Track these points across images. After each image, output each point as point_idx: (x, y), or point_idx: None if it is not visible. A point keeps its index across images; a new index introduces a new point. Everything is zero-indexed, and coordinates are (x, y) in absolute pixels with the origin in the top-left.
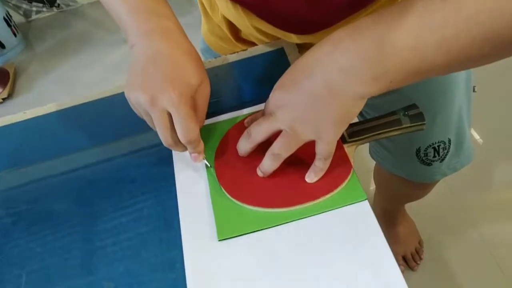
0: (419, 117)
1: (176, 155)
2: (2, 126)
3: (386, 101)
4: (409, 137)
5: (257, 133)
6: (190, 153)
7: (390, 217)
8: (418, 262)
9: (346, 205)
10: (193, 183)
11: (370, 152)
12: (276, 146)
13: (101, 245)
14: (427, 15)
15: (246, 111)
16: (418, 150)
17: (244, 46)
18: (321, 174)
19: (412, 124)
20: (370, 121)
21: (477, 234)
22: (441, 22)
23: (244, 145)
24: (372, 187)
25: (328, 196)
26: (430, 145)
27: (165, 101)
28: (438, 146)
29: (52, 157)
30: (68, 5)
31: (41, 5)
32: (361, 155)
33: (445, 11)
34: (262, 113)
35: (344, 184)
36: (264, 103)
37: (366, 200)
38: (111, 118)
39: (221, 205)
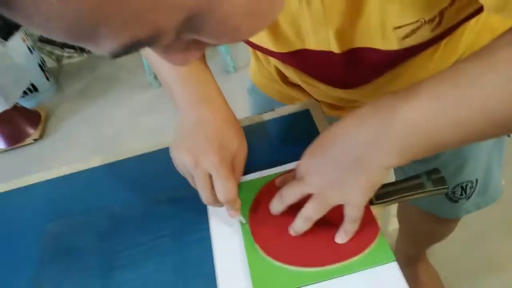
0: (441, 181)
1: (211, 210)
2: (46, 180)
3: None
4: None
5: (289, 196)
6: (228, 210)
7: (413, 266)
8: None
9: (376, 266)
10: (228, 239)
11: None
12: (306, 210)
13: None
14: (441, 97)
15: (276, 170)
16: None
17: (291, 89)
18: (350, 235)
19: (435, 188)
20: (395, 184)
21: (500, 282)
22: (454, 106)
23: (277, 206)
24: (391, 227)
25: (357, 257)
26: (458, 184)
27: (208, 164)
28: (466, 185)
29: (93, 210)
30: None
31: (72, 50)
32: None
33: (456, 97)
34: (293, 175)
35: (372, 246)
36: (291, 163)
37: (395, 262)
38: (151, 172)
39: (256, 261)
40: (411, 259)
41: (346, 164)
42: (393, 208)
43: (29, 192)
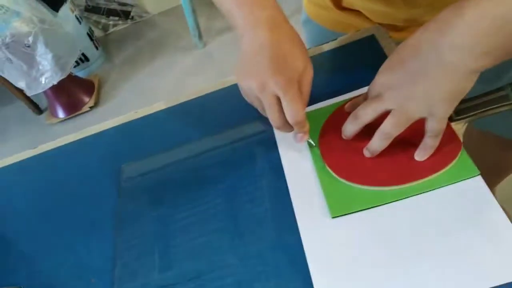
0: None
1: (280, 141)
2: (116, 126)
3: None
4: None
5: (365, 115)
6: (296, 134)
7: None
8: None
9: (459, 181)
10: (299, 164)
11: None
12: (386, 126)
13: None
14: None
15: (344, 97)
16: None
17: (346, 15)
18: (431, 151)
19: None
20: (477, 98)
21: None
22: None
23: (351, 128)
24: None
25: (439, 173)
26: None
27: (274, 86)
28: None
29: (163, 151)
30: (141, 16)
31: (117, 18)
32: None
33: None
34: (364, 97)
35: (455, 161)
36: (360, 89)
37: (479, 176)
38: (214, 112)
39: (329, 184)
40: None
41: (431, 72)
42: None
43: (99, 138)
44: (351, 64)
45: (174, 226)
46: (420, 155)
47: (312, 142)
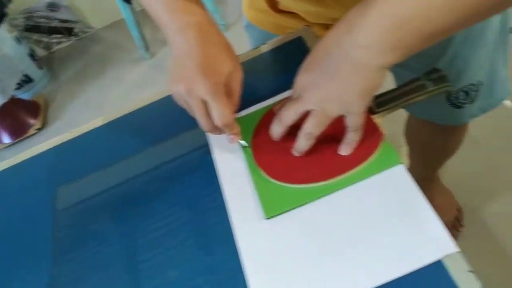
0: (443, 79)
1: (214, 145)
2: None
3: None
4: None
5: (287, 116)
6: (228, 135)
7: (426, 188)
8: (460, 230)
9: (383, 171)
10: (233, 167)
11: None
12: (307, 126)
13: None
14: None
15: (274, 99)
16: (449, 94)
17: (283, 17)
18: (354, 145)
19: (436, 87)
20: (395, 90)
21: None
22: None
23: (276, 129)
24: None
25: (363, 164)
26: (460, 89)
27: (201, 90)
28: (469, 88)
29: (99, 169)
30: (85, 32)
31: (59, 35)
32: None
33: None
34: (290, 98)
35: (377, 152)
36: (289, 90)
37: (403, 165)
38: (150, 124)
39: (262, 185)
40: (423, 182)
41: (343, 72)
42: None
43: (36, 162)
44: (281, 66)
45: (115, 248)
46: (344, 149)
47: (245, 143)
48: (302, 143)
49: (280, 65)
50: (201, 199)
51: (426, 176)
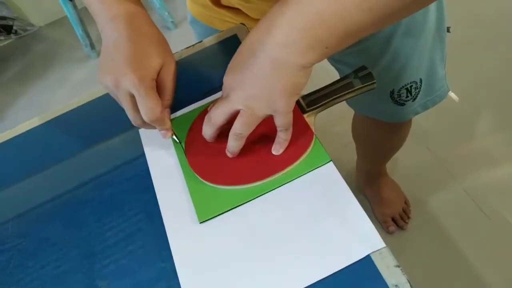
0: (369, 77)
1: (146, 145)
2: None
3: (355, 51)
4: (383, 81)
5: (216, 116)
6: (159, 131)
7: (374, 182)
8: (407, 221)
9: (313, 170)
10: (166, 170)
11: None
12: (236, 126)
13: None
14: None
15: (208, 99)
16: (392, 92)
17: (226, 12)
18: (285, 144)
19: (363, 85)
20: (325, 88)
21: (458, 185)
22: None
23: (207, 130)
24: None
25: (295, 164)
26: (403, 87)
27: (127, 84)
28: (411, 86)
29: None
30: (25, 30)
31: None
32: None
33: None
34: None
35: (308, 151)
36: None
37: (331, 162)
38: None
39: (197, 189)
40: (371, 176)
41: (265, 71)
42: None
43: None
44: (216, 65)
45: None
46: (276, 149)
47: (177, 139)
48: (233, 144)
49: (215, 64)
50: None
51: (373, 171)
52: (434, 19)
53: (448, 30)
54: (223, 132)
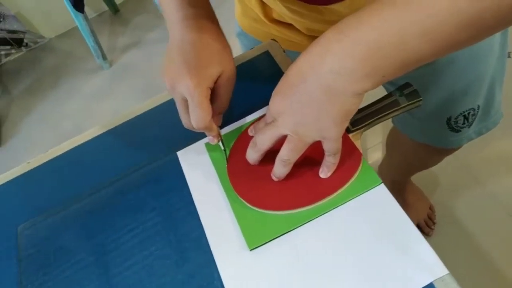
0: (415, 94)
1: (188, 174)
2: (8, 181)
3: (418, 74)
4: (441, 106)
5: (262, 141)
6: (208, 136)
7: (398, 189)
8: (432, 227)
9: (364, 192)
10: (210, 196)
11: (392, 119)
12: (283, 153)
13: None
14: (407, 8)
15: (247, 119)
16: (449, 119)
17: (278, 28)
18: (333, 168)
19: (410, 102)
20: (369, 107)
21: (482, 188)
22: (422, 14)
23: (252, 155)
24: (371, 161)
25: (344, 187)
26: (461, 113)
27: (182, 89)
28: (468, 113)
29: (67, 201)
30: (36, 42)
31: (8, 47)
32: None
33: (423, 3)
34: (264, 121)
35: (357, 173)
36: (262, 108)
37: (382, 184)
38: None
39: (243, 214)
40: (396, 183)
41: (316, 97)
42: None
43: None
44: (251, 82)
45: (86, 263)
46: (324, 172)
47: (222, 146)
48: (279, 170)
49: (250, 81)
50: (172, 205)
51: (399, 180)
52: (498, 44)
53: (509, 56)
54: (267, 154)
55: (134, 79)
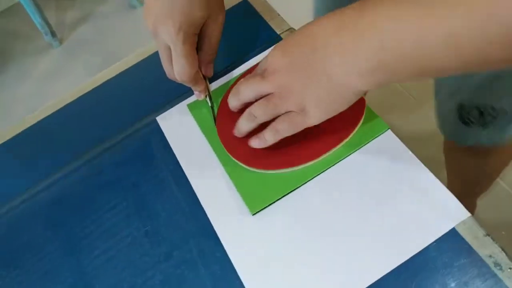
0: None
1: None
2: None
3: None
4: (455, 88)
5: (245, 91)
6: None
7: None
8: None
9: (371, 140)
10: (200, 162)
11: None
12: (255, 107)
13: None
14: (427, 11)
15: (236, 72)
16: (461, 106)
17: None
18: (263, 145)
19: None
20: None
21: None
22: (443, 20)
23: (233, 101)
24: None
25: (349, 137)
26: (476, 106)
27: (164, 35)
28: (484, 110)
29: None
30: None
31: None
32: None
33: (444, 7)
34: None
35: (362, 119)
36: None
37: (389, 130)
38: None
39: (240, 177)
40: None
41: (315, 71)
42: None
43: None
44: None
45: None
46: (253, 141)
47: (209, 102)
48: (243, 123)
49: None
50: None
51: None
52: None
53: None
54: None
55: (88, 55)
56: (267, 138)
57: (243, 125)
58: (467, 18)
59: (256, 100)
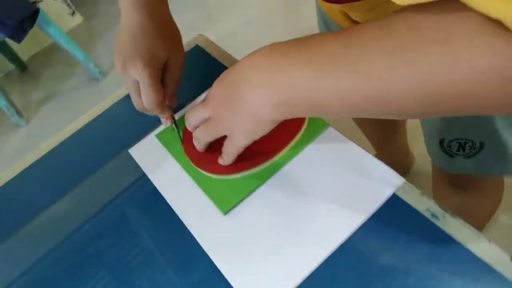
0: None
1: (145, 166)
2: None
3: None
4: (438, 126)
5: (192, 118)
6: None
7: None
8: None
9: (316, 137)
10: (173, 180)
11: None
12: (197, 131)
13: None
14: (326, 60)
15: (199, 99)
16: (442, 140)
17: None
18: (228, 163)
19: None
20: None
21: None
22: (337, 71)
23: (187, 127)
24: None
25: (296, 138)
26: (455, 139)
27: (132, 71)
28: (465, 143)
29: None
30: None
31: None
32: None
33: (349, 57)
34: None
35: (306, 123)
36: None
37: (330, 127)
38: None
39: (208, 185)
40: None
41: (239, 101)
42: None
43: None
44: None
45: None
46: (222, 160)
47: (175, 128)
48: (196, 144)
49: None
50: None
51: None
52: None
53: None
54: None
55: (55, 131)
56: (225, 159)
57: (196, 145)
58: (350, 77)
59: None
